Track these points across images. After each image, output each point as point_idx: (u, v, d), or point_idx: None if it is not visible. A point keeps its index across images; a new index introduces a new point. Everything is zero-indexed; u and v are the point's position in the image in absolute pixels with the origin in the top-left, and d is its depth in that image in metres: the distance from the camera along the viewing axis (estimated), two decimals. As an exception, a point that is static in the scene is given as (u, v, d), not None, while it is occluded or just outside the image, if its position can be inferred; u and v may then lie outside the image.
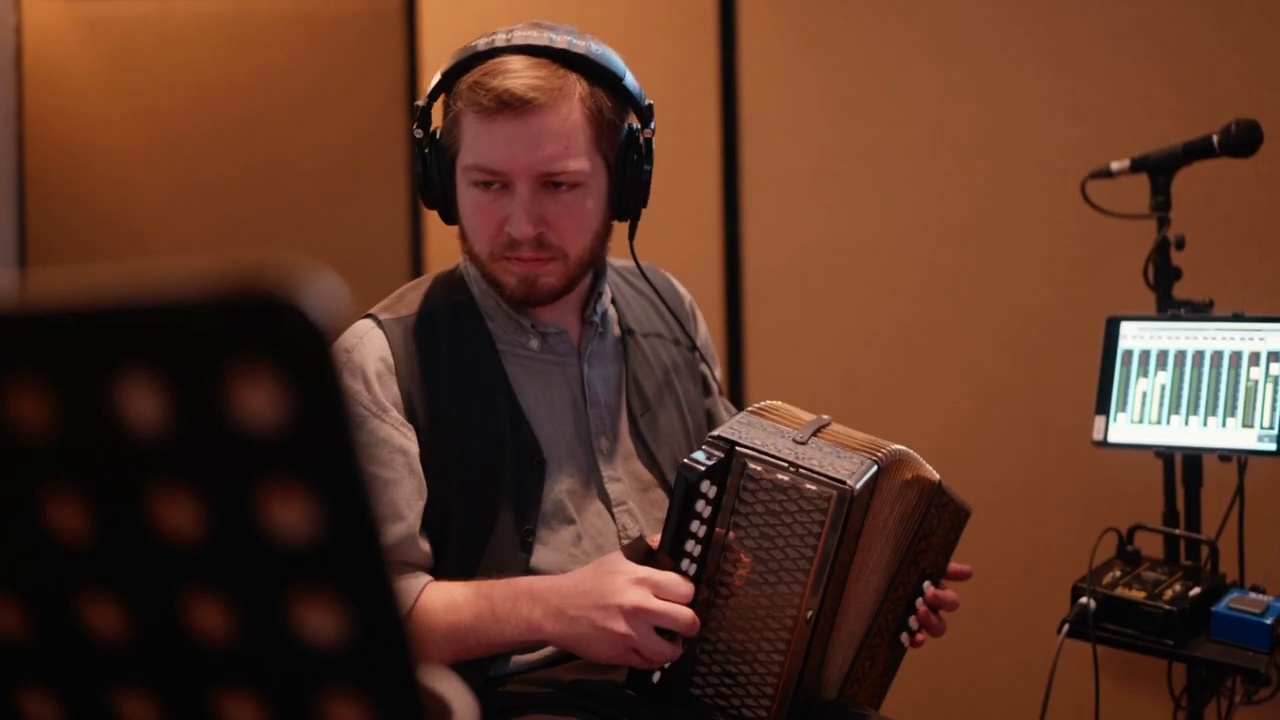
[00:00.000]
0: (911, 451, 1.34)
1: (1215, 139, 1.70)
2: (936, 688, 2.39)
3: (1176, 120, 1.98)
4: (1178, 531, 1.72)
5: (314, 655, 0.39)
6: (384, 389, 1.32)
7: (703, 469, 1.23)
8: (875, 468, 1.27)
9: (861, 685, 1.41)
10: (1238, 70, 1.99)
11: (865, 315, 2.48)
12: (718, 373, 1.65)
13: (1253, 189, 1.98)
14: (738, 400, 2.56)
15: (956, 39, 2.33)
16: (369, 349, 1.34)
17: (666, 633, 1.20)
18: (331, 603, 0.39)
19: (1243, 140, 1.69)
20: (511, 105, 1.27)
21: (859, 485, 1.22)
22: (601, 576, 1.22)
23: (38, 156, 3.14)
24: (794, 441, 1.28)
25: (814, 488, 1.22)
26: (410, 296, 1.43)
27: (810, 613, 1.22)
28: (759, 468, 1.24)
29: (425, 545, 1.31)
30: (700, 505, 1.24)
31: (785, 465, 1.23)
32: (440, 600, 1.26)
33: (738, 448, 1.25)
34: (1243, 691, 1.67)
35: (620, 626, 1.17)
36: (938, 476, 1.36)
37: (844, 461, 1.25)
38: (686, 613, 1.19)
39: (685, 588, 1.20)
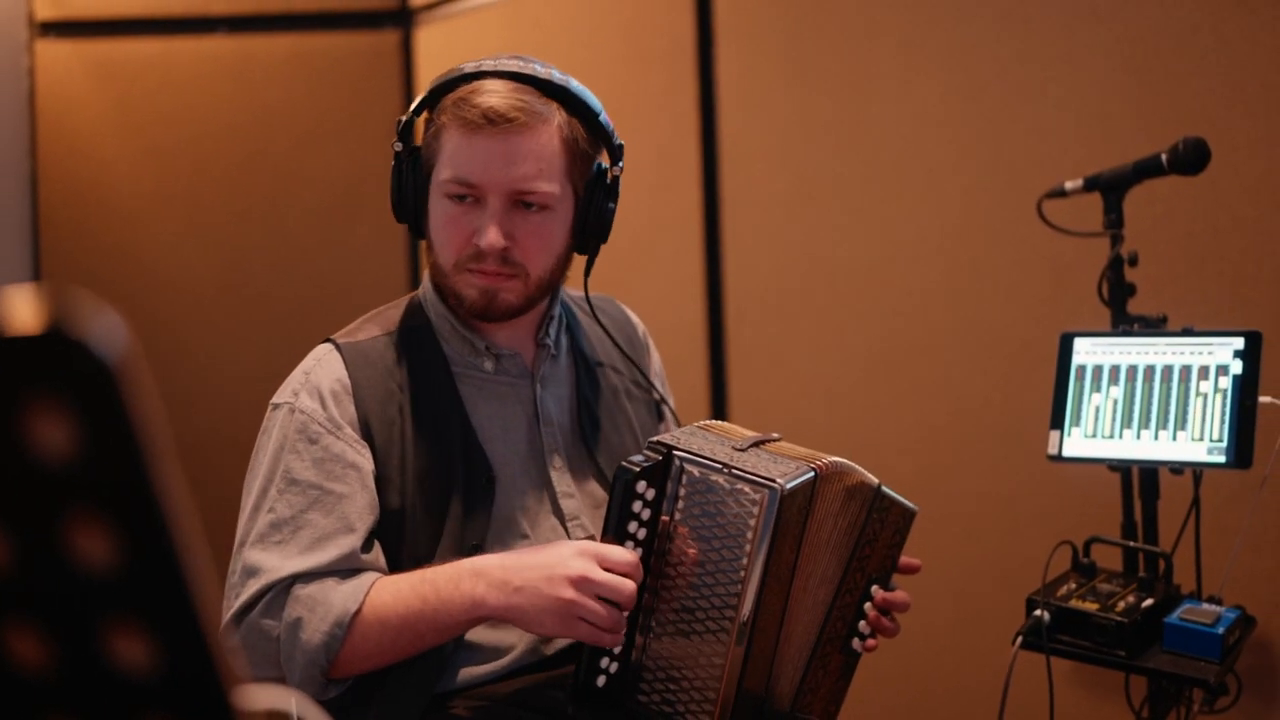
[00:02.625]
0: (850, 462, 1.36)
1: (1164, 157, 1.72)
2: (900, 698, 2.41)
3: (1136, 140, 2.01)
4: (1132, 544, 1.74)
5: (127, 683, 0.42)
6: (339, 408, 1.36)
7: (638, 469, 1.25)
8: (812, 473, 1.29)
9: (816, 695, 1.43)
10: (1194, 91, 2.01)
11: (843, 334, 2.52)
12: (672, 402, 1.69)
13: (1210, 206, 2.00)
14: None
15: (925, 65, 2.37)
16: (325, 371, 1.39)
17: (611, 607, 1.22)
18: (138, 630, 0.41)
19: (1190, 158, 1.70)
20: (494, 122, 1.33)
21: (790, 485, 1.24)
22: (547, 550, 1.25)
23: (50, 194, 3.21)
24: (733, 449, 1.31)
25: (746, 488, 1.25)
26: (370, 323, 1.47)
27: (747, 613, 1.24)
28: (695, 470, 1.27)
29: (379, 557, 1.35)
30: (638, 506, 1.26)
31: (720, 468, 1.26)
32: (388, 592, 1.29)
33: (675, 452, 1.28)
34: (1202, 701, 1.69)
35: (566, 593, 1.20)
36: (876, 481, 1.38)
37: (779, 466, 1.28)
38: (629, 584, 1.21)
39: (630, 556, 1.23)
